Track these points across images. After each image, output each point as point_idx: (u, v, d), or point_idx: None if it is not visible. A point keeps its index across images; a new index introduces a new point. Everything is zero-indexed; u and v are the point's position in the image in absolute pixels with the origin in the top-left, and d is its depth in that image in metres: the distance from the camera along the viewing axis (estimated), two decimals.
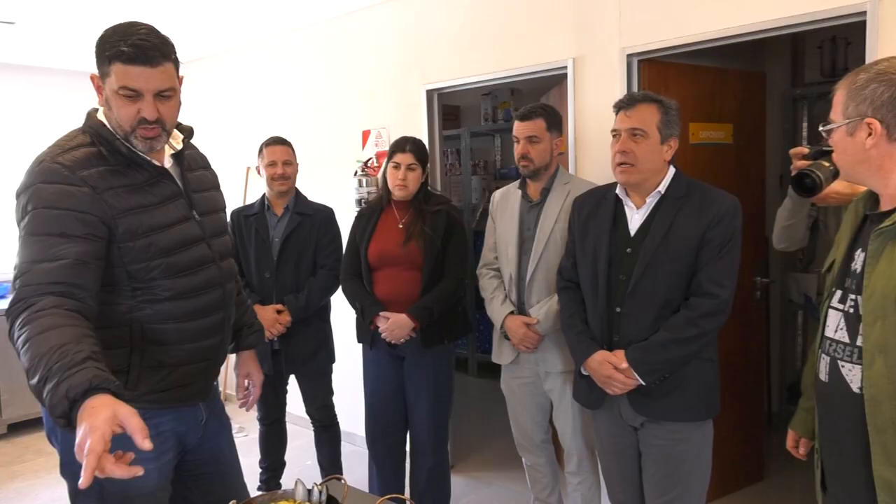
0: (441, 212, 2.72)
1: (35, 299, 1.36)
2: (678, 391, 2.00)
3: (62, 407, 1.20)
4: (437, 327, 2.70)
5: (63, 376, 1.21)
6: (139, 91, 1.48)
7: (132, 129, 1.51)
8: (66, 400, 1.20)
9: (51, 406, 1.22)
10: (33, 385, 1.26)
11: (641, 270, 2.00)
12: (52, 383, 1.22)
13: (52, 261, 1.41)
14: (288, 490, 1.64)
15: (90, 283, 1.45)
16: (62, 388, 1.20)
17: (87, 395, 1.20)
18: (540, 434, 2.72)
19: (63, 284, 1.39)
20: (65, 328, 1.31)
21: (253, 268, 3.06)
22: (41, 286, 1.38)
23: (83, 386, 1.20)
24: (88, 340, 1.32)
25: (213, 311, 1.68)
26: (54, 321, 1.32)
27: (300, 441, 3.92)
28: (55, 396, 1.21)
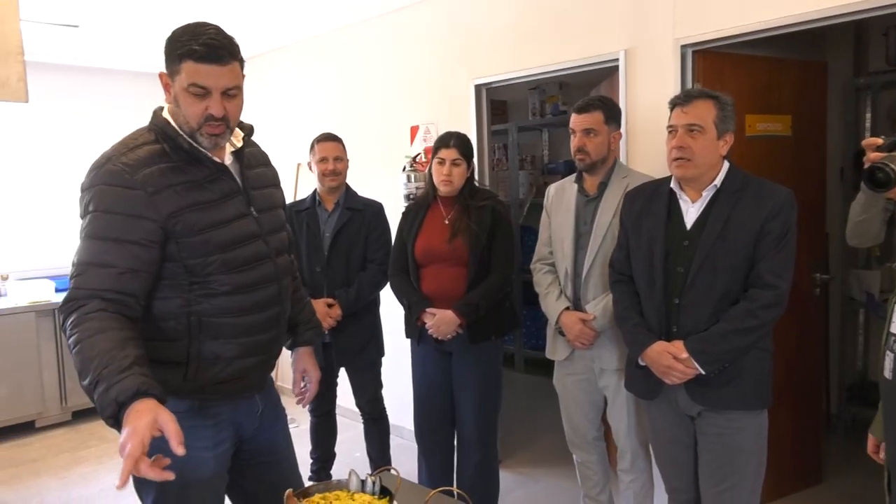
0: (487, 207, 2.71)
1: (84, 301, 1.46)
2: (736, 380, 2.01)
3: (111, 410, 1.32)
4: (484, 323, 2.70)
5: (112, 381, 1.33)
6: (208, 88, 1.53)
7: (199, 125, 1.56)
8: (115, 404, 1.32)
9: (101, 408, 1.34)
10: (84, 386, 1.38)
11: (700, 263, 2.01)
12: (102, 388, 1.34)
13: (103, 266, 1.49)
14: (342, 480, 1.66)
15: (139, 290, 1.53)
16: (112, 393, 1.32)
17: (134, 399, 1.32)
18: (592, 431, 2.69)
19: (112, 291, 1.48)
20: (111, 332, 1.42)
21: (304, 262, 3.11)
22: (91, 291, 1.47)
23: (130, 391, 1.32)
24: (132, 344, 1.42)
25: (269, 306, 1.71)
26: (101, 325, 1.42)
27: (350, 433, 3.98)
28: (105, 399, 1.33)
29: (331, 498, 1.59)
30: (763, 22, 2.52)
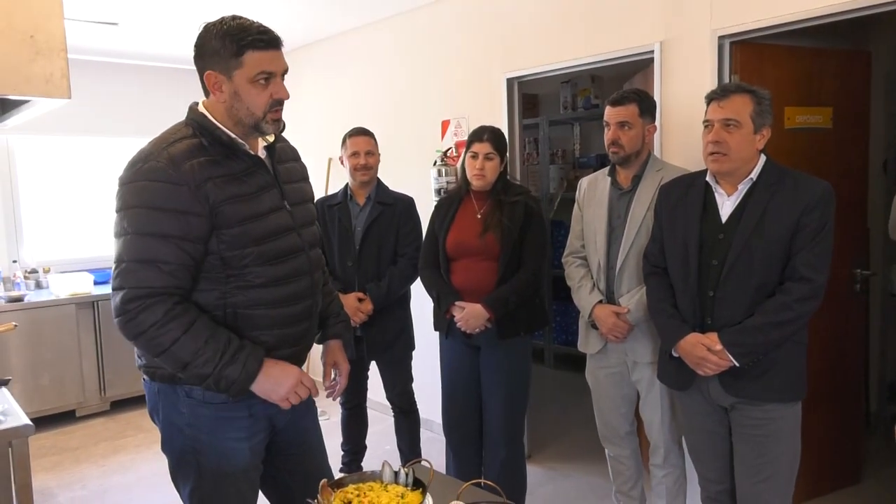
0: (519, 202, 2.70)
1: (151, 300, 1.52)
2: (770, 372, 2.01)
3: (245, 381, 1.58)
4: (514, 319, 2.69)
5: (241, 358, 1.57)
6: (273, 73, 1.60)
7: (264, 113, 1.61)
8: (251, 375, 1.58)
9: (234, 380, 1.56)
10: (200, 373, 1.55)
11: (735, 256, 2.00)
12: (236, 365, 1.56)
13: (157, 263, 1.52)
14: (375, 471, 1.68)
15: (189, 284, 1.59)
16: (251, 364, 1.58)
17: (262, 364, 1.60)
18: (625, 426, 2.68)
19: (172, 287, 1.54)
20: (199, 322, 1.56)
21: (336, 256, 3.14)
22: (153, 289, 1.52)
23: (260, 359, 1.61)
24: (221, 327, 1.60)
25: (302, 298, 1.73)
26: (189, 318, 1.55)
27: (380, 426, 4.01)
28: (244, 373, 1.57)
29: (364, 489, 1.61)
30: (804, 11, 2.46)
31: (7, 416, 2.15)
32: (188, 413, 1.66)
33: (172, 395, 1.66)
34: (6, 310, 4.38)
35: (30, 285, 4.92)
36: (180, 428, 1.67)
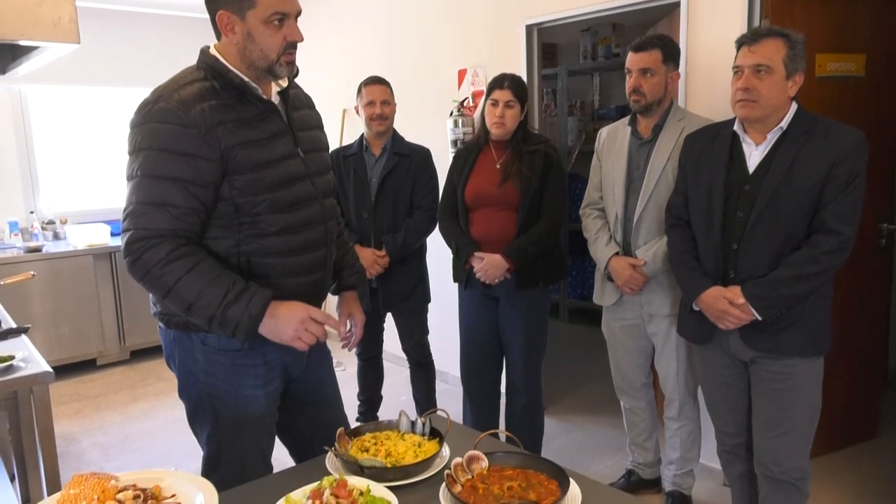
0: (539, 151, 2.64)
1: (156, 241, 1.49)
2: (794, 326, 1.97)
3: (250, 323, 1.52)
4: (533, 269, 2.66)
5: (246, 298, 1.52)
6: (288, 14, 1.55)
7: (278, 56, 1.57)
8: (255, 317, 1.53)
9: (238, 322, 1.51)
10: (204, 315, 1.52)
11: (762, 207, 1.94)
12: (240, 305, 1.51)
13: (166, 206, 1.50)
14: (392, 421, 1.69)
15: (198, 229, 1.57)
16: (255, 305, 1.52)
17: (266, 307, 1.54)
18: (641, 378, 2.68)
19: (179, 231, 1.52)
20: (205, 262, 1.53)
21: (352, 208, 3.11)
22: (159, 231, 1.50)
23: (266, 299, 1.55)
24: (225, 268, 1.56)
25: (316, 247, 1.72)
26: (194, 258, 1.52)
27: (395, 378, 4.05)
28: (246, 315, 1.51)
29: (381, 437, 1.62)
30: None
31: (27, 362, 2.17)
32: (203, 360, 1.67)
33: (187, 343, 1.66)
34: (25, 260, 4.43)
35: (47, 236, 4.96)
36: (196, 375, 1.68)
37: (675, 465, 2.65)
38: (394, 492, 1.33)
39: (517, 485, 1.36)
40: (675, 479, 2.66)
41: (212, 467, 1.71)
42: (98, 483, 1.15)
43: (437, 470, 1.47)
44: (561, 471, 1.38)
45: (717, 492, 2.85)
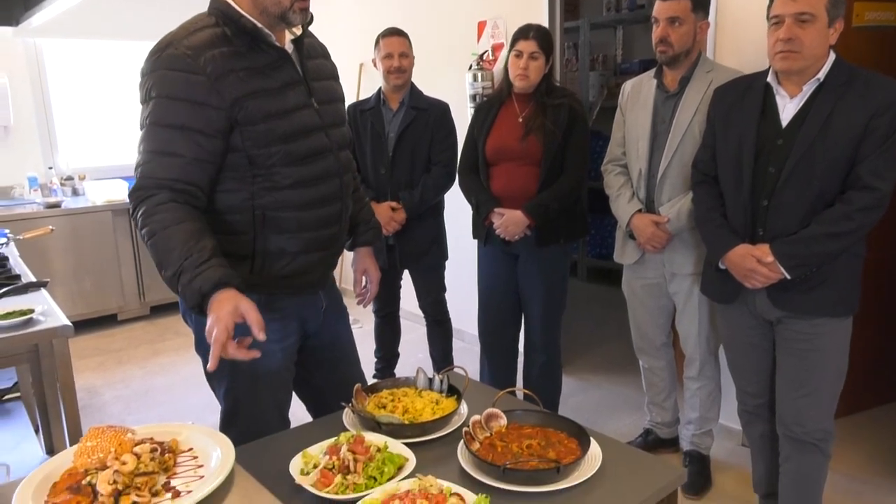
0: (563, 105, 2.56)
1: (153, 191, 1.45)
2: (823, 286, 1.91)
3: (195, 299, 1.38)
4: (553, 226, 2.61)
5: (195, 273, 1.38)
6: None
7: (291, 2, 1.51)
8: (198, 294, 1.38)
9: (185, 297, 1.40)
10: (167, 277, 1.43)
11: (795, 162, 1.87)
12: (186, 277, 1.39)
13: (171, 156, 1.46)
14: (409, 378, 1.67)
15: (204, 181, 1.52)
16: (196, 284, 1.38)
17: (216, 290, 1.38)
18: (661, 337, 2.64)
19: (180, 182, 1.47)
20: (185, 223, 1.44)
21: (368, 163, 3.06)
22: (158, 180, 1.46)
23: (211, 282, 1.38)
24: (207, 236, 1.46)
25: (331, 201, 1.68)
26: (174, 216, 1.44)
27: (412, 335, 4.05)
28: (189, 289, 1.38)
29: (399, 394, 1.61)
30: None
31: (47, 316, 2.18)
32: None
33: None
34: (44, 215, 4.45)
35: (66, 192, 4.97)
36: None
37: (693, 424, 2.63)
38: (411, 448, 1.32)
39: (536, 443, 1.35)
40: (694, 438, 2.65)
41: (229, 422, 1.71)
42: (115, 436, 1.15)
43: (455, 427, 1.46)
44: (581, 429, 1.36)
45: (735, 452, 2.84)
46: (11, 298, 2.36)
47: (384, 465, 1.24)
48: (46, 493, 1.10)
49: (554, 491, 1.21)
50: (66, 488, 1.09)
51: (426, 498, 1.08)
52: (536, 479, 1.22)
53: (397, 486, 1.16)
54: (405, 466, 1.26)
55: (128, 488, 1.08)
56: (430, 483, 1.14)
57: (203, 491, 1.09)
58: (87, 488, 1.08)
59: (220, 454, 1.20)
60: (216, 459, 1.19)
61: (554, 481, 1.22)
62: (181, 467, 1.19)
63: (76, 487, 1.08)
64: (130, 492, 1.07)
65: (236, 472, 1.20)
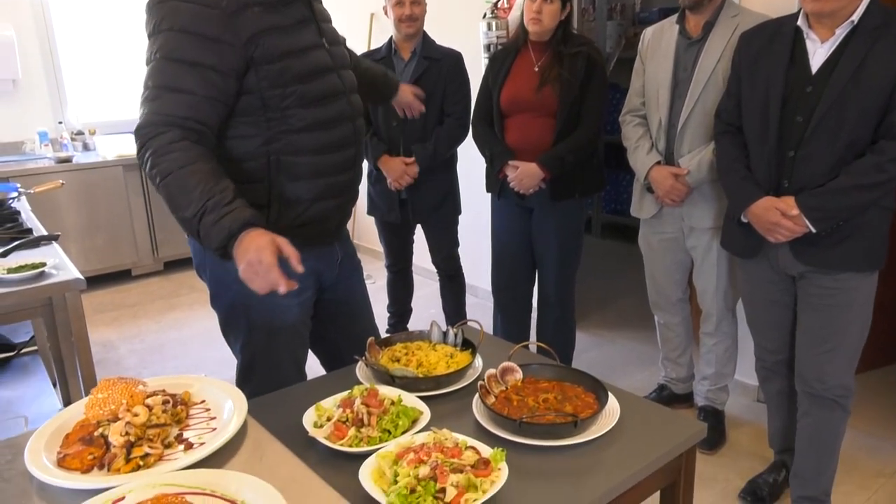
0: (581, 54, 2.47)
1: (163, 129, 1.40)
2: (849, 239, 1.85)
3: (221, 240, 1.35)
4: (569, 180, 2.55)
5: (221, 213, 1.35)
6: None
7: None
8: (227, 234, 1.34)
9: (208, 238, 1.36)
10: (184, 218, 1.38)
11: (824, 111, 1.78)
12: (211, 218, 1.35)
13: (181, 92, 1.41)
14: (423, 331, 1.65)
15: (215, 123, 1.47)
16: (224, 223, 1.34)
17: (244, 229, 1.34)
18: (677, 293, 2.60)
19: (190, 120, 1.42)
20: (200, 163, 1.39)
21: (380, 116, 3.00)
22: (170, 117, 1.41)
23: (240, 221, 1.34)
24: (225, 177, 1.41)
25: (345, 146, 1.65)
26: (189, 155, 1.39)
27: (425, 291, 4.03)
28: (216, 229, 1.35)
29: (413, 348, 1.59)
30: None
31: (59, 269, 2.17)
32: (235, 269, 1.63)
33: None
34: (55, 170, 4.43)
35: (77, 147, 4.94)
36: (228, 284, 1.65)
37: (708, 380, 2.61)
38: (425, 402, 1.30)
39: (553, 397, 1.33)
40: (709, 394, 2.63)
41: (246, 376, 1.71)
42: (126, 388, 1.14)
43: (470, 381, 1.44)
44: (599, 383, 1.34)
45: (750, 408, 2.83)
46: (23, 252, 2.35)
47: (398, 419, 1.22)
48: (59, 445, 1.09)
49: (571, 445, 1.19)
50: (78, 439, 1.08)
51: (441, 451, 1.07)
52: (553, 433, 1.20)
53: (412, 439, 1.14)
54: (419, 420, 1.25)
55: (140, 440, 1.07)
56: (446, 436, 1.13)
57: (216, 443, 1.08)
58: (99, 440, 1.07)
59: (233, 406, 1.19)
60: (229, 412, 1.18)
61: (571, 435, 1.20)
62: (194, 419, 1.18)
63: (88, 439, 1.07)
64: (143, 443, 1.06)
65: (249, 424, 1.19)
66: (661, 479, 1.26)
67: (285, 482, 1.00)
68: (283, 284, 1.31)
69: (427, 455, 1.06)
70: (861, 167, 1.77)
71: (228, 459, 1.08)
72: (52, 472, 1.02)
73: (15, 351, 2.54)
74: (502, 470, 1.06)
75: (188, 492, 0.93)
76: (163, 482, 0.96)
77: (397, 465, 1.06)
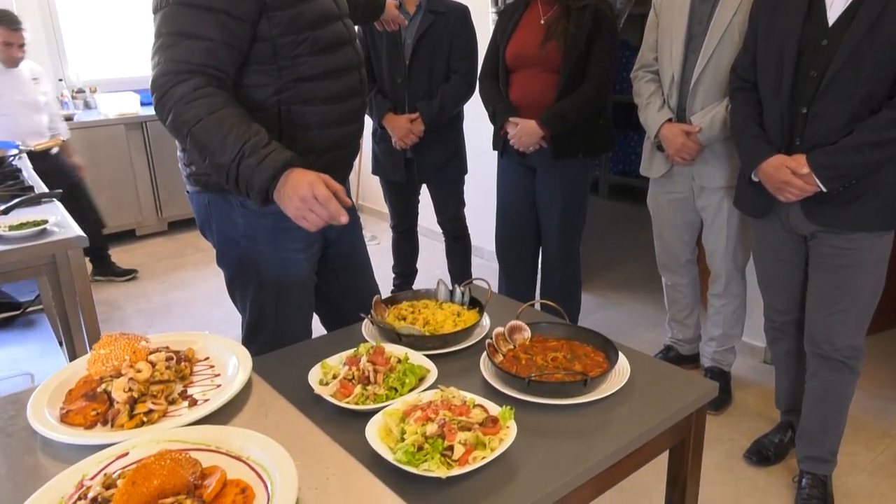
0: (589, 7, 2.39)
1: (185, 76, 1.37)
2: (862, 199, 1.80)
3: (264, 181, 1.34)
4: (571, 139, 2.49)
5: (262, 155, 1.35)
6: None
7: None
8: (270, 174, 1.34)
9: (250, 182, 1.36)
10: (221, 164, 1.37)
11: (840, 64, 1.72)
12: (252, 161, 1.34)
13: (199, 38, 1.38)
14: (430, 290, 1.63)
15: (232, 69, 1.44)
16: (267, 164, 1.34)
17: (285, 169, 1.35)
18: (686, 254, 2.57)
19: (210, 67, 1.39)
20: (230, 108, 1.38)
21: (385, 72, 2.93)
22: (189, 65, 1.37)
23: (283, 161, 1.35)
24: (254, 121, 1.40)
25: (352, 95, 1.63)
26: (218, 101, 1.37)
27: (430, 252, 4.01)
28: (258, 172, 1.34)
29: (419, 306, 1.57)
30: None
31: (61, 227, 2.15)
32: (243, 223, 1.60)
33: (225, 206, 1.60)
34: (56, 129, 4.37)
35: (78, 105, 4.88)
36: (236, 240, 1.63)
37: (715, 341, 2.60)
38: (432, 361, 1.28)
39: (562, 356, 1.31)
40: (715, 355, 2.62)
41: (254, 333, 1.69)
42: (128, 343, 1.12)
43: (477, 340, 1.42)
44: (609, 342, 1.32)
45: (757, 369, 2.82)
46: (25, 210, 2.33)
47: (405, 376, 1.20)
48: (62, 401, 1.08)
49: (580, 404, 1.18)
50: (81, 395, 1.07)
51: (449, 409, 1.05)
52: (563, 391, 1.18)
53: (419, 397, 1.12)
54: (426, 378, 1.23)
55: (143, 396, 1.05)
56: (453, 394, 1.11)
57: (221, 399, 1.07)
58: (102, 395, 1.05)
59: (237, 363, 1.17)
60: (233, 368, 1.17)
61: (580, 394, 1.18)
62: (198, 376, 1.17)
63: (91, 395, 1.06)
64: (146, 400, 1.05)
65: (254, 381, 1.17)
66: (670, 438, 1.24)
67: (291, 439, 0.98)
68: (344, 214, 1.34)
69: (435, 413, 1.04)
70: (875, 123, 1.71)
71: (233, 416, 1.07)
72: (55, 427, 1.01)
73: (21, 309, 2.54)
74: (511, 428, 1.04)
75: (192, 448, 0.92)
76: (167, 438, 0.95)
77: (404, 423, 1.05)
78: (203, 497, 0.81)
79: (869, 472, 2.21)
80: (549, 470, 1.03)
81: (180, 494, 0.80)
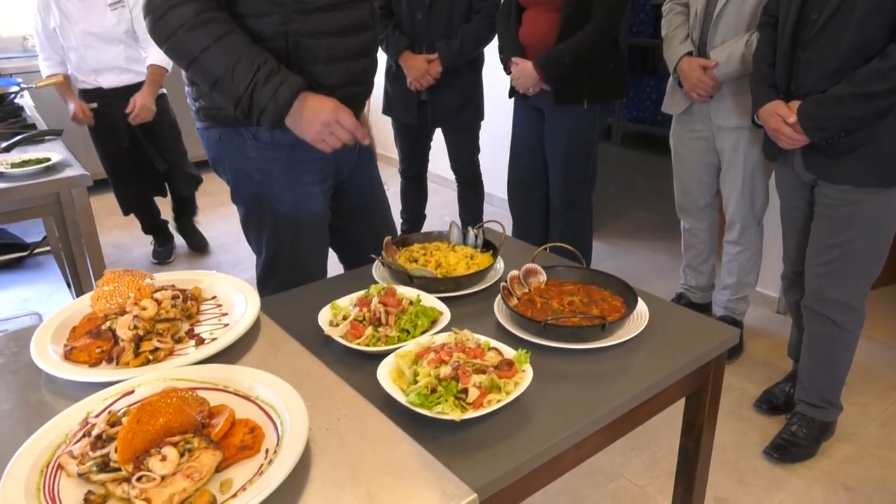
0: None
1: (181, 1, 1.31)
2: (859, 151, 1.72)
3: (280, 107, 1.36)
4: (574, 83, 2.40)
5: (276, 82, 1.35)
6: None
7: None
8: (289, 98, 1.36)
9: (265, 109, 1.36)
10: (232, 91, 1.36)
11: (834, 7, 1.63)
12: (267, 88, 1.35)
13: None
14: (443, 232, 1.59)
15: None
16: (283, 90, 1.35)
17: (300, 92, 1.37)
18: (706, 197, 2.51)
19: None
20: (236, 34, 1.36)
21: (404, 7, 2.81)
22: None
23: (296, 86, 1.37)
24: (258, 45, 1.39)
25: (363, 28, 1.56)
26: (223, 27, 1.34)
27: (439, 198, 3.95)
28: (274, 98, 1.35)
29: (431, 249, 1.53)
30: None
31: (65, 166, 2.11)
32: (257, 157, 1.56)
33: (237, 140, 1.55)
34: None
35: None
36: (250, 174, 1.58)
37: (729, 290, 2.56)
38: (445, 303, 1.25)
39: (579, 300, 1.27)
40: (728, 304, 2.58)
41: (271, 270, 1.67)
42: (133, 280, 1.08)
43: (491, 283, 1.38)
44: (627, 287, 1.27)
45: (770, 318, 2.79)
46: (27, 148, 2.28)
47: (417, 318, 1.17)
48: (66, 338, 1.05)
49: (598, 348, 1.14)
50: (85, 332, 1.04)
51: (463, 351, 1.02)
52: (580, 335, 1.15)
53: (432, 339, 1.09)
54: (439, 320, 1.20)
55: (149, 334, 1.03)
56: (467, 337, 1.08)
57: (228, 338, 1.04)
58: (107, 333, 1.03)
59: (246, 302, 1.14)
60: (241, 307, 1.14)
61: (598, 338, 1.15)
62: (204, 315, 1.14)
63: (96, 332, 1.03)
64: (152, 338, 1.02)
65: (263, 321, 1.14)
66: (688, 385, 1.21)
67: (300, 379, 0.96)
68: (367, 136, 1.44)
69: (448, 355, 1.01)
70: (861, 74, 1.62)
71: (241, 356, 1.04)
72: (59, 364, 0.99)
73: (28, 250, 2.52)
74: (526, 372, 1.01)
75: (199, 387, 0.90)
76: (173, 376, 0.92)
77: (417, 365, 1.02)
78: (211, 436, 0.79)
79: (881, 421, 2.20)
80: (565, 415, 1.00)
81: (187, 433, 0.78)
